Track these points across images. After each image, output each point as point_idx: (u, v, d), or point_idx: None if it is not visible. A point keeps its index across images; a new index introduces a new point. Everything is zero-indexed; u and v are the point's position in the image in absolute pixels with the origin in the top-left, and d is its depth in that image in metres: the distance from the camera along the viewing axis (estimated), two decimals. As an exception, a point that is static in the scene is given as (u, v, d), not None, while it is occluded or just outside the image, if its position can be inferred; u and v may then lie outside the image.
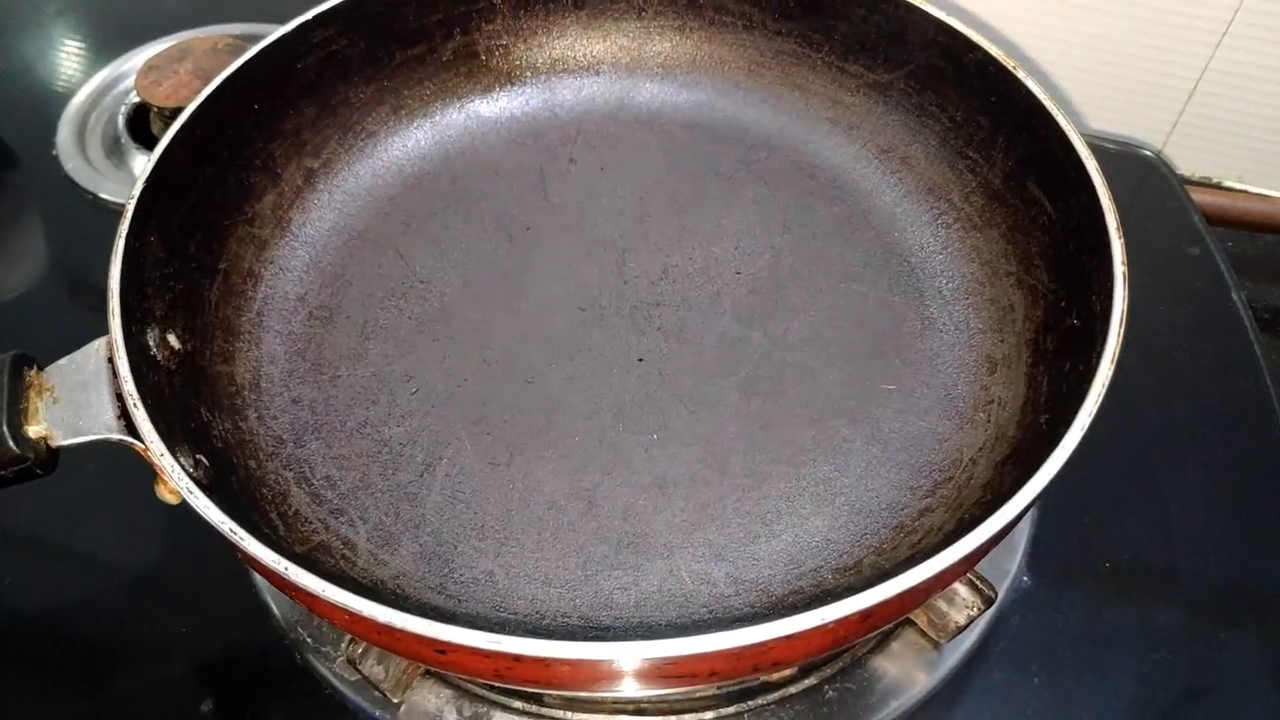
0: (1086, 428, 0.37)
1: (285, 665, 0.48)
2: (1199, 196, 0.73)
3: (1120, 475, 0.55)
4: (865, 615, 0.33)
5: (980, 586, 0.44)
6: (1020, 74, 0.49)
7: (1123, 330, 0.40)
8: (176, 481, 0.36)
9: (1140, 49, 0.77)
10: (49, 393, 0.39)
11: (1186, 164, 0.82)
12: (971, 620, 0.45)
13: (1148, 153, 0.72)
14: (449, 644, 0.31)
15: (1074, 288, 0.46)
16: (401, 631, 0.32)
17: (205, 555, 0.52)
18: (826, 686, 0.47)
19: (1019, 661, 0.49)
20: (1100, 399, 0.38)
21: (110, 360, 0.40)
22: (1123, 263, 0.42)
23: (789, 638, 0.32)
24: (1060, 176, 0.48)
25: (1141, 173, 0.72)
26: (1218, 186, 0.85)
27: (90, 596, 0.52)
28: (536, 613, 0.41)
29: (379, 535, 0.43)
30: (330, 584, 0.32)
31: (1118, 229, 0.43)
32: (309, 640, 0.48)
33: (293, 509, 0.43)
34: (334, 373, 0.49)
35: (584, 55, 0.61)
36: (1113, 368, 0.39)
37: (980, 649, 0.49)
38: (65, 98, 0.74)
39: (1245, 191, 0.83)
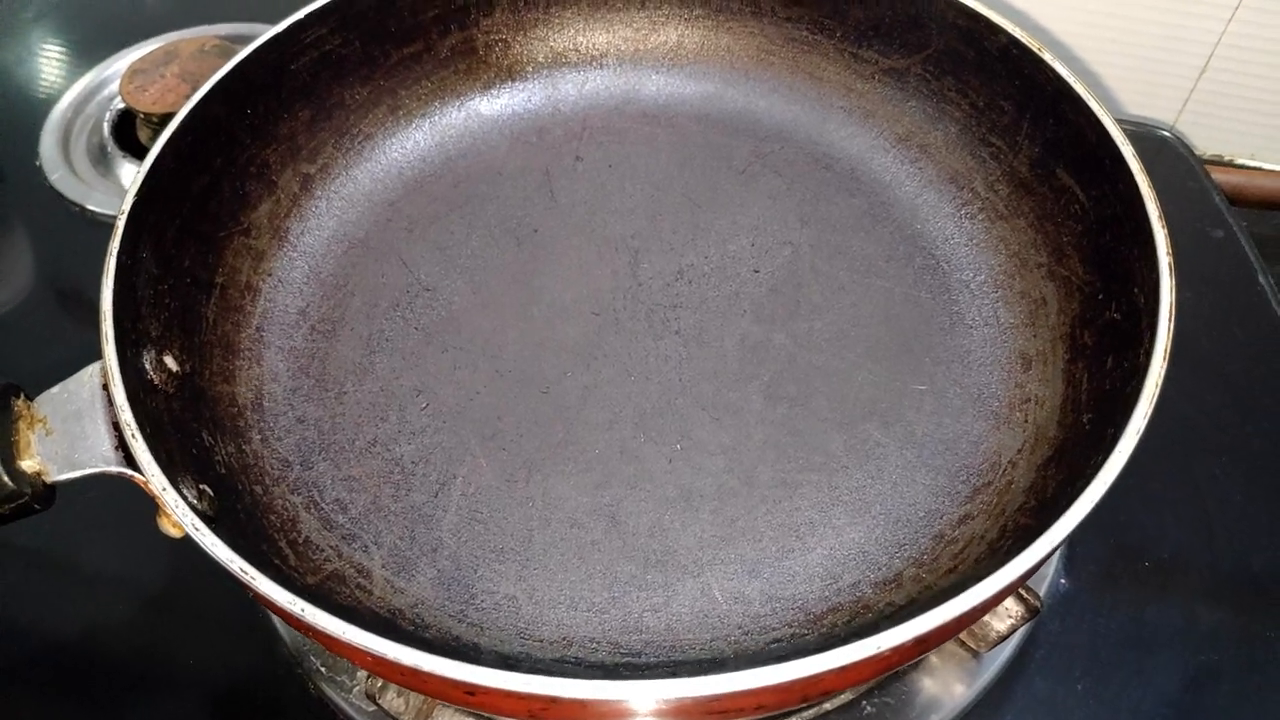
0: (1143, 430, 0.35)
1: (298, 695, 0.46)
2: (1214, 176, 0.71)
3: (1154, 470, 0.53)
4: (921, 641, 0.31)
5: (1025, 596, 0.43)
6: (1047, 56, 0.47)
7: (1173, 324, 0.38)
8: (180, 516, 0.34)
9: (1150, 26, 0.75)
10: (41, 424, 0.37)
11: (1198, 143, 0.80)
12: (1013, 630, 0.44)
13: (1165, 133, 0.70)
14: (479, 686, 0.29)
15: (1112, 279, 0.44)
16: (429, 674, 0.30)
17: (211, 581, 0.50)
18: (864, 702, 0.45)
19: (1061, 668, 0.47)
20: (1155, 398, 0.36)
21: (105, 387, 0.37)
22: (1168, 253, 0.40)
23: (843, 668, 0.30)
24: (1092, 163, 0.46)
25: (1159, 154, 0.70)
26: (1230, 164, 0.83)
27: (93, 626, 0.50)
28: (564, 639, 0.39)
29: (395, 561, 0.41)
30: (351, 625, 0.30)
31: (1160, 218, 0.41)
32: (322, 670, 0.46)
33: (303, 536, 0.41)
34: (340, 389, 0.47)
35: (587, 48, 0.58)
36: (1165, 363, 0.37)
37: (1020, 657, 0.47)
38: (47, 106, 0.71)
39: (1260, 169, 0.81)
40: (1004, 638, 0.44)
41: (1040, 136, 0.49)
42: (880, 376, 0.46)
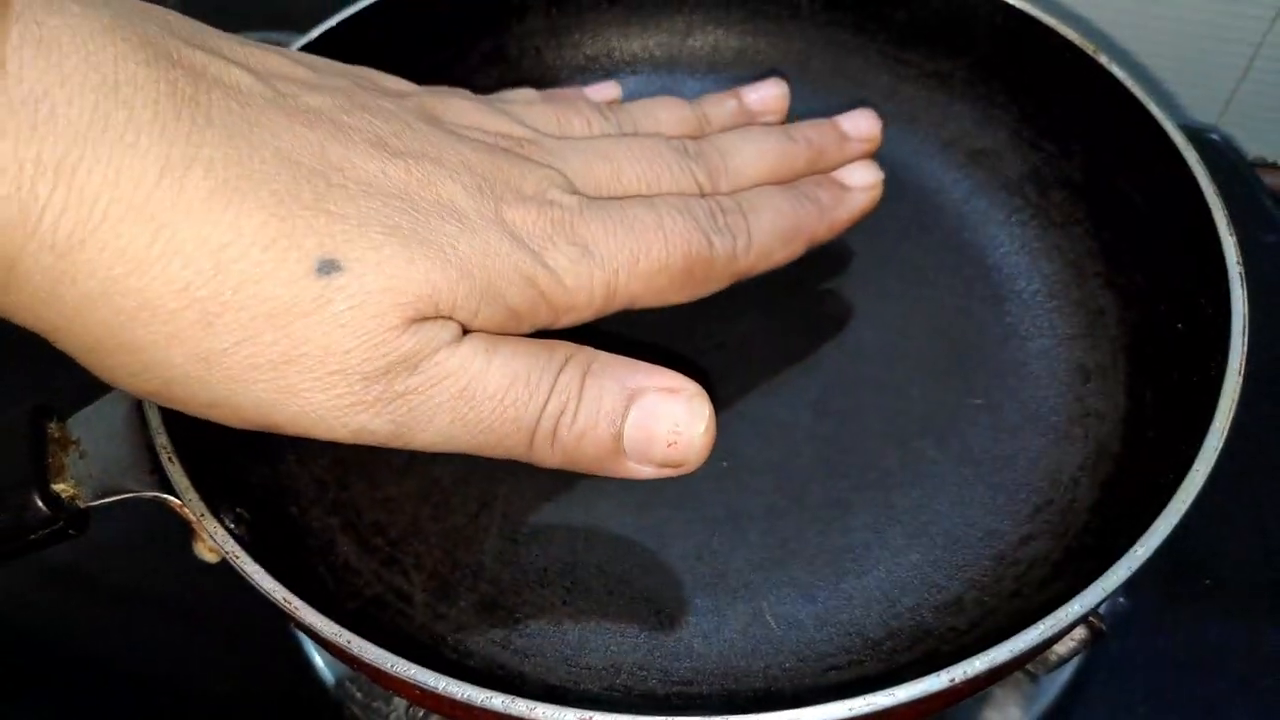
0: (1220, 448, 0.33)
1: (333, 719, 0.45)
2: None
3: (1211, 484, 0.52)
4: (995, 671, 0.29)
5: (1090, 619, 0.41)
6: (1103, 59, 0.46)
7: (1247, 336, 0.36)
8: (219, 543, 0.32)
9: (1192, 25, 0.73)
10: (74, 446, 0.36)
11: (1240, 145, 0.78)
12: (1075, 653, 0.42)
13: (1213, 135, 0.68)
14: (535, 722, 0.28)
15: (1175, 289, 0.42)
16: (482, 710, 0.28)
17: (242, 602, 0.49)
18: (919, 728, 0.43)
19: (1121, 691, 0.45)
20: (1232, 413, 0.34)
21: (140, 407, 0.36)
22: (1238, 263, 0.38)
23: (914, 701, 0.28)
24: (1151, 169, 0.44)
25: (1204, 156, 0.68)
26: (1274, 166, 0.81)
27: (122, 647, 0.49)
28: (611, 666, 0.38)
29: (435, 585, 0.40)
30: (400, 658, 0.29)
31: (1229, 226, 0.39)
32: (359, 695, 0.45)
33: (341, 560, 0.40)
34: (375, 406, 0.45)
35: (621, 53, 0.57)
36: (1241, 378, 0.35)
37: (1079, 679, 0.46)
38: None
39: (1306, 171, 0.79)
40: (1064, 661, 0.42)
41: (1095, 142, 0.47)
42: (933, 390, 0.45)
